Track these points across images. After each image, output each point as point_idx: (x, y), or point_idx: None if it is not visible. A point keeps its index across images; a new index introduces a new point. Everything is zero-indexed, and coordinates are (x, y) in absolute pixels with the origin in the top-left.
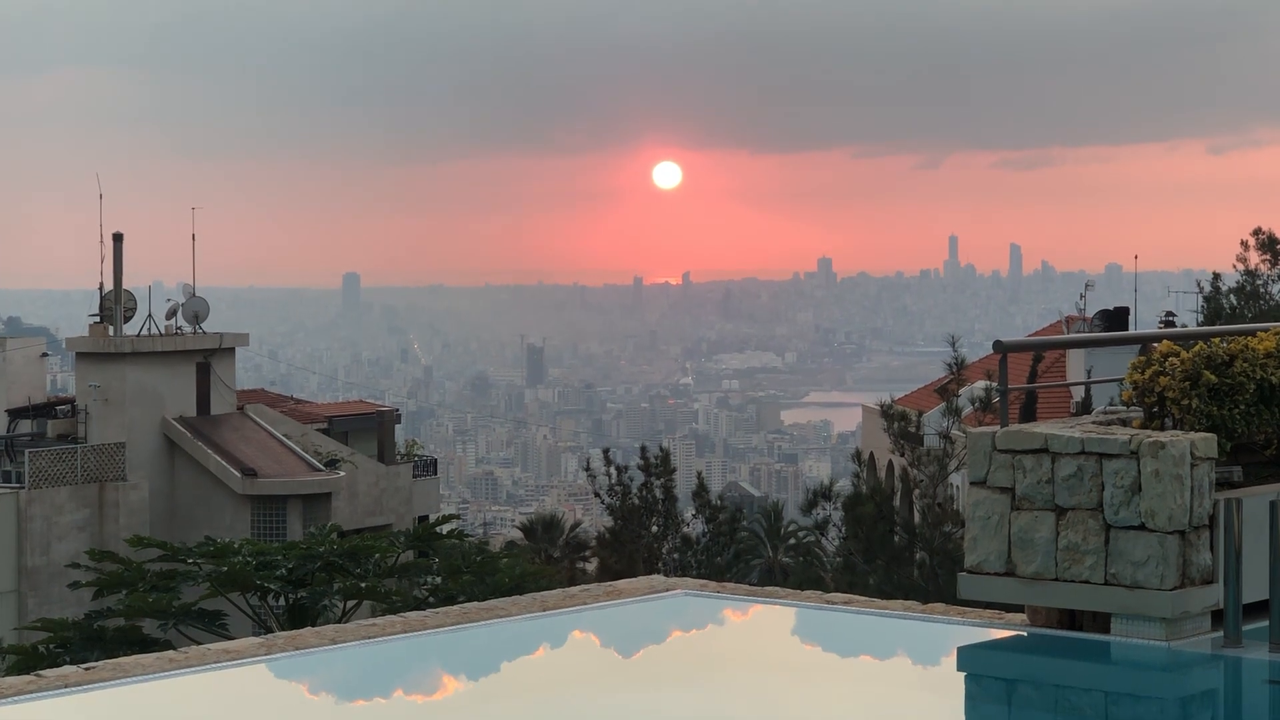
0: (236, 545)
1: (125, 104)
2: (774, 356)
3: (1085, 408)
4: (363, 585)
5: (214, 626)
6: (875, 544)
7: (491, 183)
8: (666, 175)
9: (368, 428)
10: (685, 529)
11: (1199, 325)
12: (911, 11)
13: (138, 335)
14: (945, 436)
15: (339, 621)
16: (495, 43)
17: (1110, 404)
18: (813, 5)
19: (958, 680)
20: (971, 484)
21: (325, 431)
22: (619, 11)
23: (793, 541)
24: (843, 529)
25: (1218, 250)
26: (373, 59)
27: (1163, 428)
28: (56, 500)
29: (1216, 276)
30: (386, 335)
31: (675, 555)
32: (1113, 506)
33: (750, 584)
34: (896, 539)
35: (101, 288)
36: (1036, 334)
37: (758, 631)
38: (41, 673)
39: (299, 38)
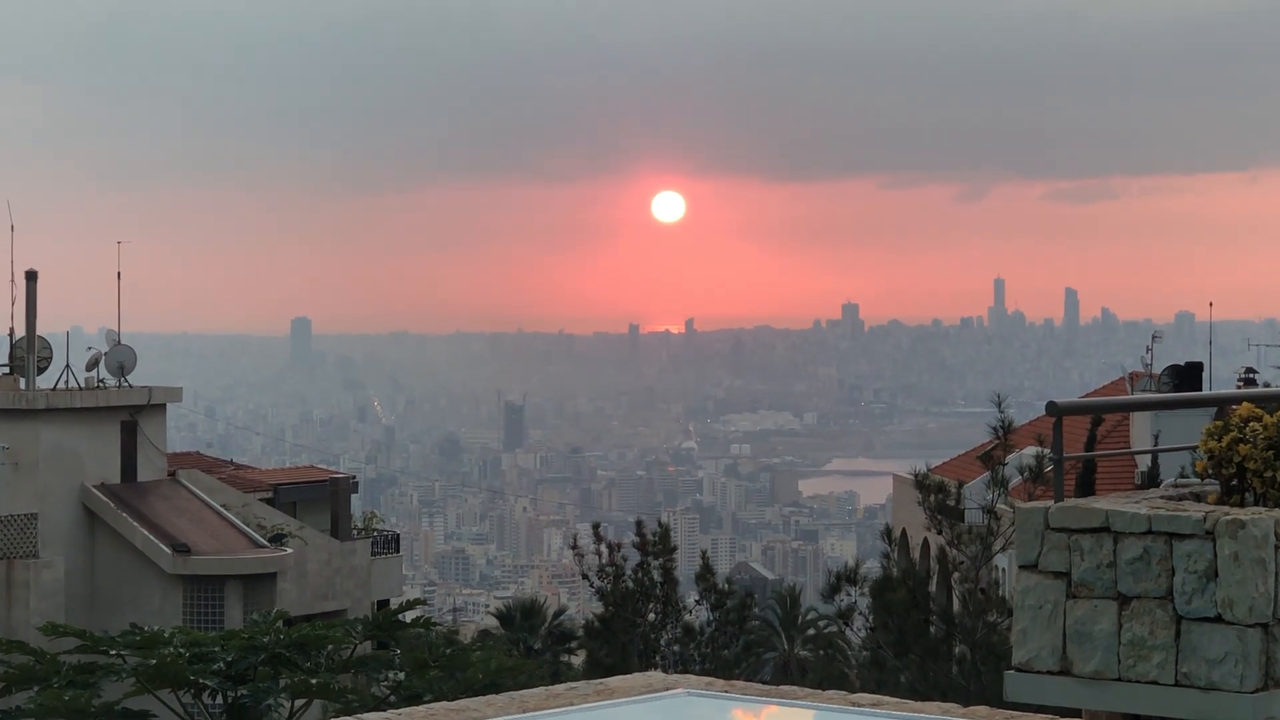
0: (167, 634)
1: (41, 122)
2: (791, 417)
3: (1152, 480)
4: (313, 682)
5: None
6: (908, 636)
7: (464, 215)
8: (667, 207)
9: (319, 498)
10: (687, 617)
11: None
12: (951, 21)
13: (53, 389)
14: (990, 512)
15: None
16: (470, 54)
17: (1181, 475)
18: (835, 13)
19: None
20: (1020, 567)
21: (270, 502)
22: (613, 19)
23: (812, 632)
24: (870, 618)
25: None
26: (328, 72)
27: (1243, 504)
28: None
29: None
30: (341, 390)
31: (676, 648)
32: (1184, 595)
33: (763, 682)
34: (933, 630)
35: (12, 334)
36: (1095, 393)
37: None
38: None
39: (243, 47)
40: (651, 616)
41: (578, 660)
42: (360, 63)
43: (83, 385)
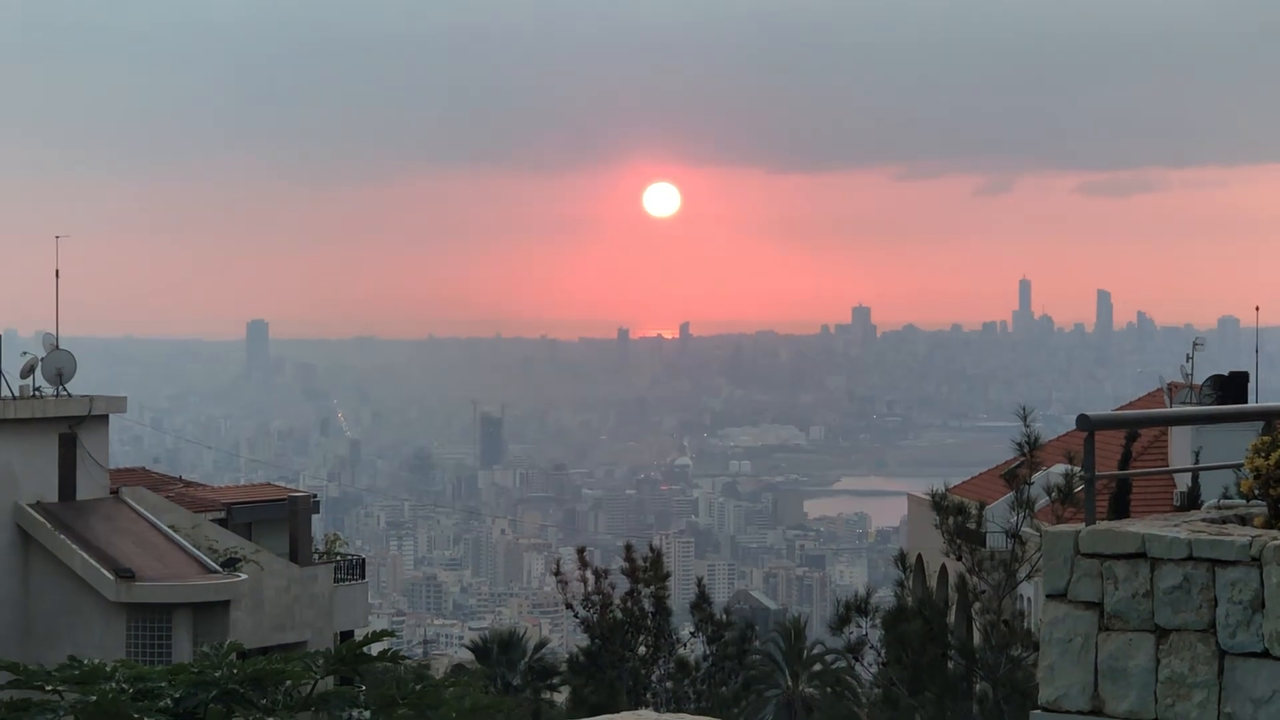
0: (109, 668)
1: None
2: (796, 431)
3: (1192, 501)
4: None
5: None
6: (924, 672)
7: (437, 208)
8: (661, 199)
9: (277, 518)
10: (682, 651)
11: None
12: None
13: None
14: (1014, 535)
15: None
16: (442, 32)
17: (1225, 496)
18: None
19: None
20: (1048, 597)
21: (223, 523)
22: None
23: (818, 668)
24: (882, 652)
25: None
26: (287, 52)
27: None
28: None
29: None
30: (302, 400)
31: (669, 684)
32: (1228, 627)
33: None
34: (951, 665)
35: None
36: (1130, 406)
37: None
38: None
39: (196, 25)
40: (642, 650)
41: (561, 698)
42: (322, 43)
43: (16, 394)
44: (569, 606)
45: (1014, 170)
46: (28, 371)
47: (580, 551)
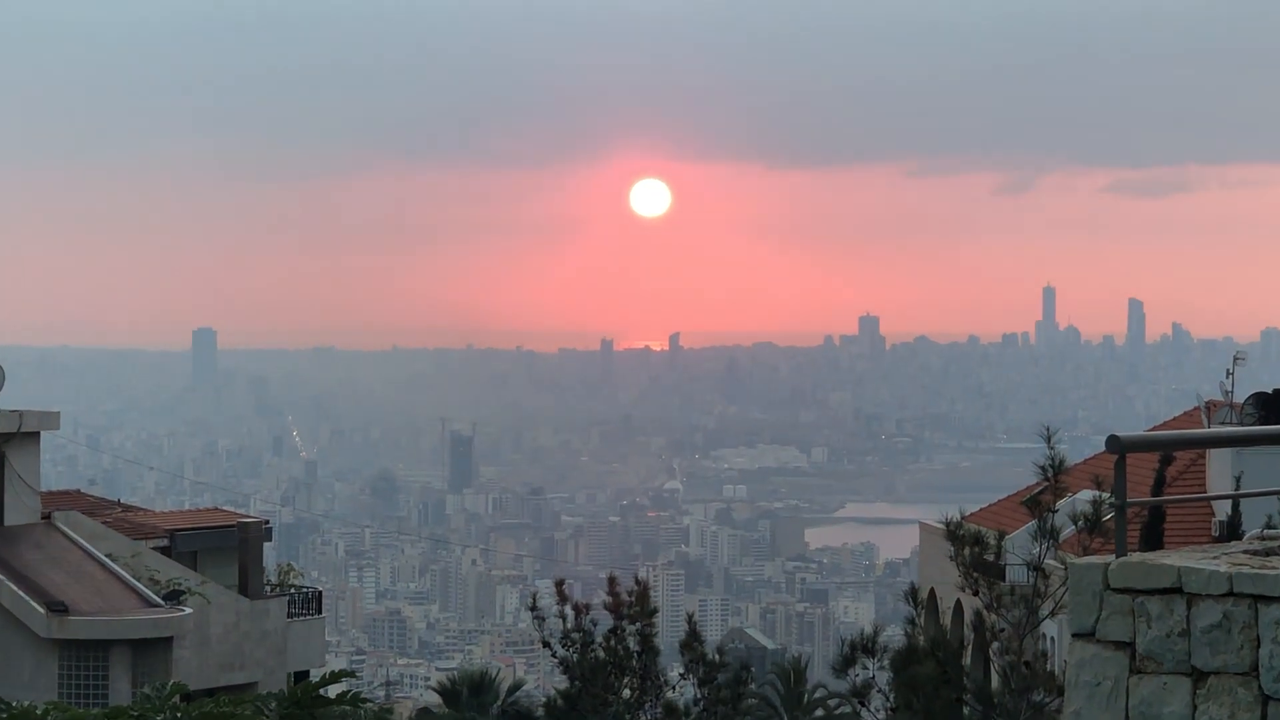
0: (40, 710)
1: None
2: (796, 453)
3: (1233, 530)
4: None
5: None
6: (936, 718)
7: (403, 205)
8: (649, 197)
9: (225, 546)
10: (670, 694)
11: None
12: None
13: None
14: (1036, 568)
15: None
16: (409, 14)
17: (1268, 526)
18: None
19: None
20: (1074, 636)
21: (165, 551)
22: None
23: (820, 713)
24: (891, 696)
25: None
26: (236, 35)
27: None
28: None
29: None
30: (254, 416)
31: None
32: (1272, 670)
33: None
34: (967, 711)
35: None
36: (1165, 426)
37: None
38: None
39: (136, 5)
40: (626, 693)
41: None
42: (277, 25)
43: None
44: (546, 645)
45: (1038, 167)
46: None
47: (559, 584)
